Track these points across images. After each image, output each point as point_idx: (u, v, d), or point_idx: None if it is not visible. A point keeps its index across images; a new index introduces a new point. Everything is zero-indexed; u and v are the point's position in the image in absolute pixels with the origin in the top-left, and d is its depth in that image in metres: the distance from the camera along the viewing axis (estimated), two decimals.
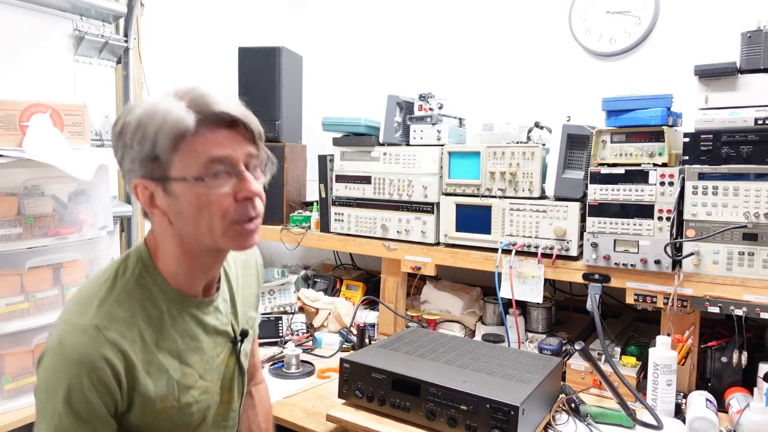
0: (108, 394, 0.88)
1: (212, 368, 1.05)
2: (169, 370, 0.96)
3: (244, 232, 0.93)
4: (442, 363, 1.57)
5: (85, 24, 2.25)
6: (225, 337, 1.08)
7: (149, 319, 0.95)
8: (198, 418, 1.04)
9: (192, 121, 0.88)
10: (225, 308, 1.09)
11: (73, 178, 1.66)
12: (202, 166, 0.89)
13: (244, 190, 0.91)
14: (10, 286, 1.62)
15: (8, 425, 1.54)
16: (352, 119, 2.23)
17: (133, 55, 2.38)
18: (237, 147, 0.91)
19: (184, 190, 0.90)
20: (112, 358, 0.88)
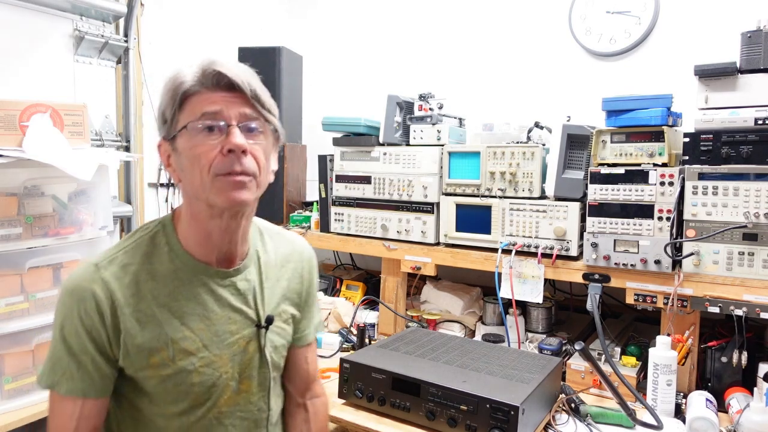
0: (93, 329, 0.95)
1: (222, 344, 1.04)
2: (164, 324, 0.99)
3: (227, 184, 0.95)
4: (442, 363, 1.57)
5: (85, 24, 2.25)
6: (243, 316, 1.07)
7: (152, 272, 1.00)
8: (202, 393, 1.03)
9: (194, 81, 0.96)
10: (247, 289, 1.09)
11: (73, 178, 1.66)
12: (195, 119, 0.95)
13: (227, 143, 0.94)
14: (10, 286, 1.62)
15: (8, 425, 1.54)
16: (352, 119, 2.23)
17: (133, 55, 2.39)
18: (231, 106, 0.96)
19: (182, 145, 0.97)
20: (99, 294, 0.95)
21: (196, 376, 1.02)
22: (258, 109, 0.98)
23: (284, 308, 1.16)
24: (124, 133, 2.39)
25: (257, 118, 0.99)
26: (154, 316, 0.99)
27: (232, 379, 1.06)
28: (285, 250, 1.20)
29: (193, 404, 1.03)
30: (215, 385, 1.04)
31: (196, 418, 1.04)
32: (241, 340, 1.07)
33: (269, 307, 1.12)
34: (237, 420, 1.09)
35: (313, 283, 1.26)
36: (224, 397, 1.06)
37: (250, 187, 0.98)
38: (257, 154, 0.98)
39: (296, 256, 1.22)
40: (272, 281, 1.14)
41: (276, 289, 1.15)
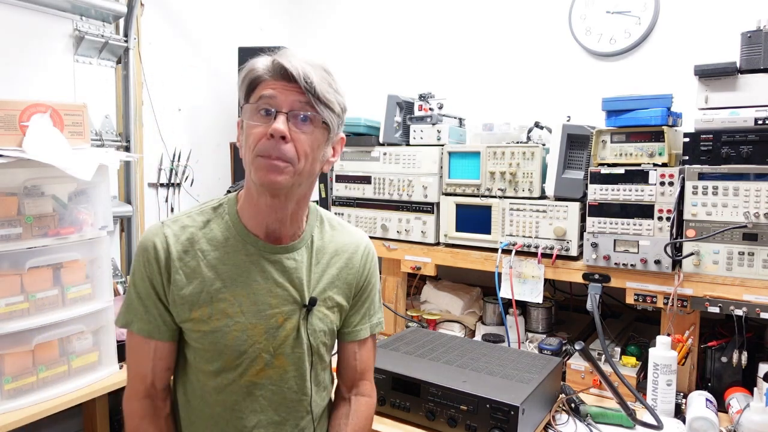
0: (154, 276, 1.08)
1: (260, 314, 1.10)
2: (208, 283, 1.08)
3: (263, 165, 1.02)
4: (442, 363, 1.57)
5: (85, 24, 2.25)
6: (285, 293, 1.12)
7: (207, 236, 1.11)
8: (234, 356, 1.08)
9: (261, 70, 1.06)
10: (293, 268, 1.13)
11: (73, 178, 1.66)
12: (254, 101, 1.05)
13: (270, 128, 1.01)
14: (10, 286, 1.62)
15: (8, 425, 1.54)
16: (352, 119, 2.23)
17: (133, 55, 2.38)
18: (286, 94, 1.03)
19: (244, 125, 1.06)
20: (158, 245, 1.08)
21: (231, 338, 1.08)
22: (311, 101, 1.03)
23: (330, 295, 1.19)
24: (124, 133, 2.39)
25: (308, 108, 1.04)
26: (201, 273, 1.08)
27: (266, 352, 1.11)
28: (342, 240, 1.23)
29: (225, 366, 1.09)
30: (246, 352, 1.09)
31: (228, 381, 1.10)
32: (279, 315, 1.11)
33: (315, 290, 1.16)
34: (268, 393, 1.13)
35: (369, 279, 1.27)
36: (256, 367, 1.10)
37: (285, 171, 1.03)
38: (300, 142, 1.03)
39: (352, 247, 1.24)
40: (322, 266, 1.18)
41: (325, 274, 1.18)
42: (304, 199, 1.14)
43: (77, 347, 1.77)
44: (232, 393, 1.11)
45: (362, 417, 1.25)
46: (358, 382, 1.28)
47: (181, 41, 2.64)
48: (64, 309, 1.72)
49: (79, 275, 1.79)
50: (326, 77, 1.07)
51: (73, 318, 1.73)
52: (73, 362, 1.75)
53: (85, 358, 1.78)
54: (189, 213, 1.14)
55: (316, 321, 1.16)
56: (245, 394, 1.11)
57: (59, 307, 1.72)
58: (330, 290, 1.18)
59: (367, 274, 1.26)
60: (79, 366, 1.77)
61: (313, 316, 1.15)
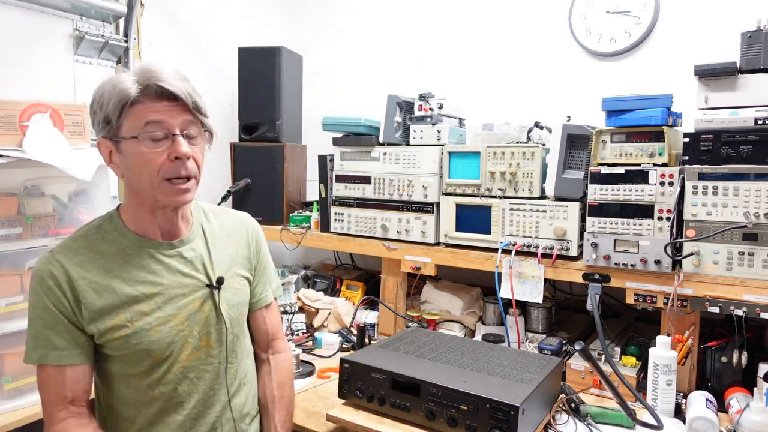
0: (59, 301, 1.11)
1: (175, 305, 1.19)
2: (118, 291, 1.14)
3: (175, 189, 1.12)
4: (442, 363, 1.57)
5: (85, 24, 2.25)
6: (194, 280, 1.22)
7: (101, 252, 1.16)
8: (162, 349, 1.16)
9: (135, 91, 1.07)
10: (194, 257, 1.24)
11: (73, 178, 1.66)
12: (140, 127, 1.08)
13: (174, 151, 1.09)
14: (10, 286, 1.62)
15: (8, 425, 1.54)
16: (352, 119, 2.23)
17: (133, 55, 2.38)
18: (174, 115, 1.09)
19: (129, 149, 1.10)
20: (55, 272, 1.11)
21: (154, 333, 1.15)
22: (197, 117, 1.13)
23: (236, 271, 1.32)
24: None
25: (196, 124, 1.13)
26: (108, 285, 1.14)
27: (191, 336, 1.20)
28: (230, 222, 1.38)
29: (156, 361, 1.16)
30: (173, 341, 1.17)
31: (161, 374, 1.17)
32: (195, 301, 1.21)
33: (220, 270, 1.27)
34: (201, 372, 1.23)
35: (261, 251, 1.42)
36: (185, 352, 1.19)
37: (191, 188, 1.15)
38: (197, 156, 1.15)
39: (242, 226, 1.39)
40: (220, 248, 1.30)
41: (224, 255, 1.31)
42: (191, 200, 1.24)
43: None
44: (168, 383, 1.18)
45: (283, 370, 1.42)
46: (272, 342, 1.44)
47: (181, 41, 2.64)
48: None
49: None
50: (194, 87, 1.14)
51: None
52: None
53: None
54: (73, 237, 1.18)
55: (231, 296, 1.28)
56: (180, 380, 1.19)
57: None
58: (234, 267, 1.32)
59: (258, 246, 1.41)
60: None
61: (226, 292, 1.27)
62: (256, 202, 2.53)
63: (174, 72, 1.11)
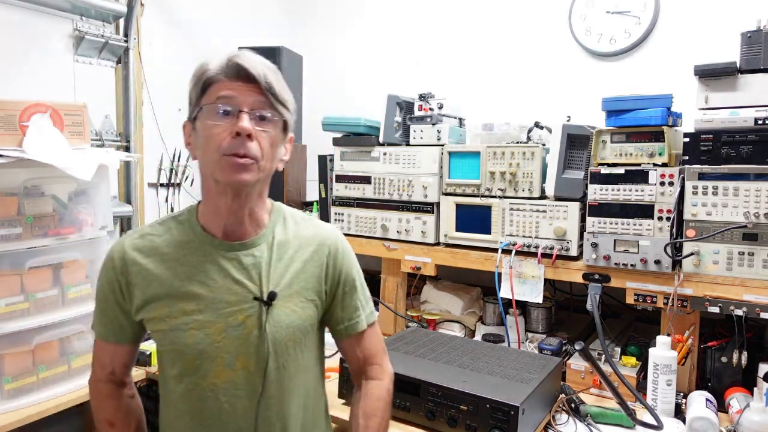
0: (111, 284, 1.13)
1: (218, 311, 1.09)
2: (167, 283, 1.11)
3: (231, 165, 1.04)
4: (442, 363, 1.57)
5: (85, 24, 2.25)
6: (244, 290, 1.10)
7: (167, 241, 1.14)
8: (193, 357, 1.08)
9: (216, 70, 1.07)
10: (252, 264, 1.12)
11: (73, 178, 1.66)
12: (212, 101, 1.05)
13: (236, 127, 1.03)
14: (10, 286, 1.62)
15: (8, 425, 1.54)
16: (352, 119, 2.23)
17: (133, 55, 2.38)
18: (245, 94, 1.05)
19: (200, 124, 1.07)
20: (116, 256, 1.13)
21: (189, 337, 1.08)
22: (270, 100, 1.06)
23: (298, 290, 1.15)
24: (124, 133, 2.39)
25: (268, 107, 1.06)
26: (159, 275, 1.11)
27: (226, 351, 1.08)
28: (307, 234, 1.21)
29: (186, 368, 1.10)
30: (205, 351, 1.08)
31: (192, 385, 1.10)
32: (238, 314, 1.09)
33: (279, 285, 1.12)
34: (233, 398, 1.09)
35: (344, 271, 1.23)
36: (217, 368, 1.09)
37: (252, 169, 1.05)
38: (262, 140, 1.06)
39: (318, 240, 1.20)
40: (286, 261, 1.15)
41: (290, 269, 1.15)
42: (260, 198, 1.16)
43: (77, 347, 1.77)
44: (197, 399, 1.09)
45: (373, 398, 1.22)
46: (365, 368, 1.26)
47: (181, 41, 2.64)
48: (64, 309, 1.72)
49: (79, 275, 1.79)
50: (280, 78, 1.10)
51: (73, 318, 1.73)
52: (73, 362, 1.75)
53: (85, 358, 1.78)
54: (151, 224, 1.19)
55: (282, 317, 1.11)
56: (210, 398, 1.09)
57: (59, 307, 1.72)
58: (296, 284, 1.15)
59: (340, 266, 1.22)
60: (79, 366, 1.77)
61: (277, 312, 1.11)
62: None
63: (262, 60, 1.09)
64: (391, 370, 1.28)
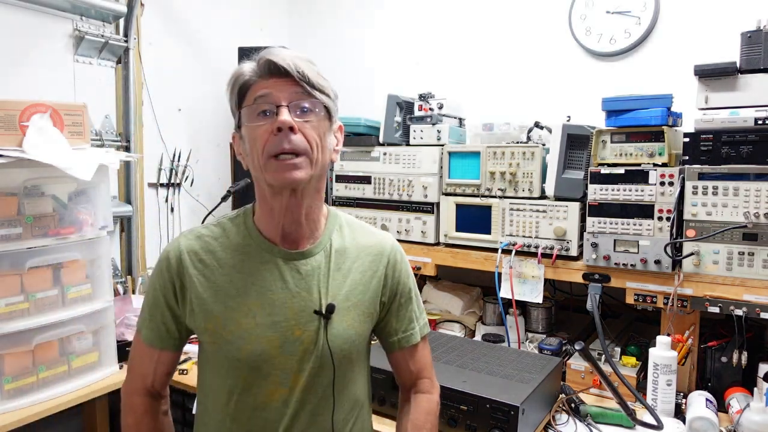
0: (164, 285, 1.07)
1: (276, 325, 1.03)
2: (222, 292, 1.05)
3: (279, 166, 0.99)
4: (442, 363, 1.57)
5: (85, 24, 2.25)
6: (302, 301, 1.05)
7: (224, 244, 1.09)
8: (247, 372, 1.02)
9: (249, 73, 1.03)
10: (310, 273, 1.07)
11: (73, 178, 1.66)
12: (250, 104, 1.02)
13: (276, 122, 0.98)
14: (10, 286, 1.62)
15: (8, 425, 1.54)
16: (352, 119, 2.23)
17: (133, 55, 2.38)
18: (282, 88, 1.00)
19: (244, 131, 1.03)
20: (172, 257, 1.08)
21: (244, 353, 1.02)
22: (307, 89, 1.01)
23: (356, 302, 1.10)
24: (124, 133, 2.39)
25: (306, 97, 1.01)
26: (215, 282, 1.06)
27: (280, 369, 1.03)
28: (364, 242, 1.16)
29: (237, 384, 1.04)
30: (260, 368, 1.02)
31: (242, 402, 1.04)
32: (295, 328, 1.04)
33: (337, 296, 1.08)
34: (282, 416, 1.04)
35: (401, 280, 1.18)
36: (271, 386, 1.03)
37: (302, 165, 1.00)
38: (308, 132, 1.00)
39: (377, 248, 1.16)
40: (344, 271, 1.11)
41: (348, 279, 1.10)
42: (317, 195, 1.09)
43: (77, 347, 1.77)
44: (246, 417, 1.04)
45: (422, 411, 1.19)
46: (416, 381, 1.21)
47: (181, 41, 2.64)
48: (64, 309, 1.72)
49: (79, 275, 1.79)
50: (313, 67, 1.05)
51: (73, 318, 1.73)
52: (73, 362, 1.75)
53: (85, 358, 1.78)
54: (207, 224, 1.14)
55: (340, 330, 1.07)
56: (259, 419, 1.04)
57: (59, 307, 1.72)
58: (354, 297, 1.10)
59: (398, 276, 1.17)
60: (79, 366, 1.77)
61: (335, 326, 1.06)
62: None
63: (293, 52, 1.04)
64: (438, 385, 1.25)
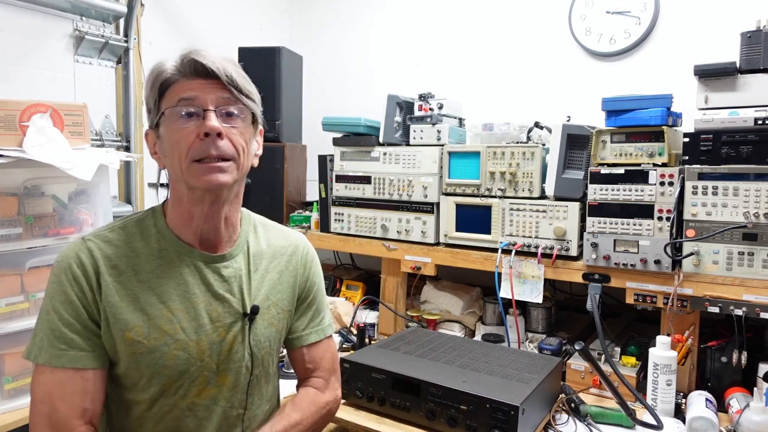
0: (83, 294, 0.97)
1: (201, 329, 1.03)
2: (142, 300, 1.00)
3: (203, 169, 0.97)
4: (442, 363, 1.57)
5: (85, 24, 2.25)
6: (226, 304, 1.06)
7: (136, 250, 1.03)
8: (173, 377, 1.01)
9: (171, 70, 0.99)
10: (232, 276, 1.08)
11: (73, 178, 1.66)
12: (173, 105, 0.98)
13: (203, 127, 0.96)
14: (10, 286, 1.62)
15: (8, 425, 1.54)
16: (352, 119, 2.23)
17: (133, 55, 2.38)
18: (207, 92, 0.98)
19: (164, 131, 1.00)
20: (84, 259, 0.98)
21: (170, 359, 1.00)
22: (234, 94, 1.00)
23: (275, 301, 1.13)
24: (124, 133, 2.39)
25: (234, 102, 1.00)
26: (133, 290, 1.00)
27: (208, 369, 1.04)
28: (279, 243, 1.19)
29: (164, 390, 1.01)
30: (187, 371, 1.02)
31: (169, 407, 1.02)
32: (221, 329, 1.05)
33: (257, 297, 1.10)
34: (209, 413, 1.05)
35: (312, 280, 1.22)
36: (197, 387, 1.03)
37: (228, 170, 0.99)
38: (234, 137, 1.00)
39: (291, 249, 1.20)
40: (262, 271, 1.13)
41: (266, 280, 1.13)
42: (236, 200, 1.11)
43: None
44: (173, 419, 1.03)
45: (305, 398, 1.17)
46: (309, 377, 1.22)
47: (181, 41, 2.64)
48: None
49: None
50: (240, 70, 1.03)
51: None
52: None
53: None
54: (110, 227, 1.06)
55: (261, 330, 1.10)
56: (188, 417, 1.04)
57: None
58: (273, 296, 1.13)
59: (309, 275, 1.21)
60: None
61: (257, 326, 1.09)
62: (256, 202, 2.53)
63: (218, 54, 1.01)
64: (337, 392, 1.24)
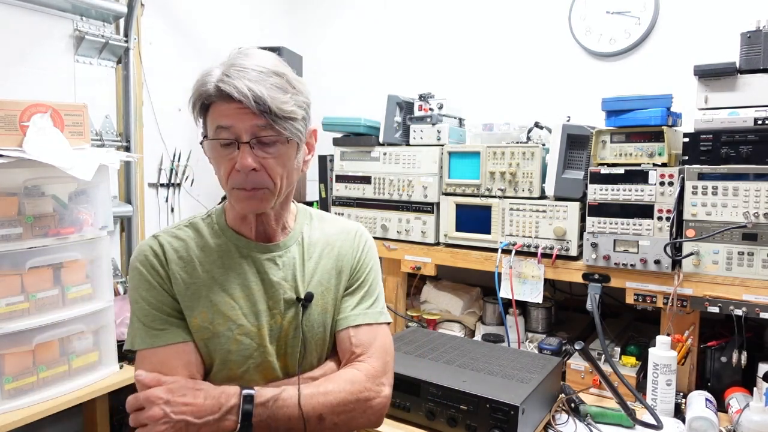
0: (161, 279, 1.06)
1: (260, 315, 1.08)
2: (206, 288, 1.07)
3: (242, 197, 1.03)
4: (442, 363, 1.57)
5: (85, 24, 2.25)
6: (281, 290, 1.10)
7: (200, 245, 1.11)
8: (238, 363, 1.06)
9: (211, 90, 0.99)
10: (287, 264, 1.13)
11: (73, 178, 1.66)
12: (213, 131, 1.01)
13: (237, 164, 0.99)
14: (10, 286, 1.62)
15: (8, 425, 1.54)
16: (352, 119, 2.23)
17: (133, 55, 2.38)
18: (243, 119, 0.98)
19: (207, 151, 1.05)
20: (156, 249, 1.08)
21: (234, 344, 1.05)
22: (270, 122, 0.98)
23: (328, 287, 1.15)
24: (124, 133, 2.39)
25: (269, 131, 0.99)
26: (198, 279, 1.07)
27: (270, 355, 1.08)
28: (333, 230, 1.21)
29: (231, 375, 1.06)
30: (251, 357, 1.07)
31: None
32: (277, 315, 1.10)
33: (310, 284, 1.14)
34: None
35: (363, 262, 1.20)
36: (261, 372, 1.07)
37: (264, 197, 1.03)
38: (271, 168, 1.01)
39: (344, 234, 1.21)
40: (315, 260, 1.16)
41: (319, 266, 1.16)
42: (286, 202, 1.14)
43: (77, 347, 1.77)
44: None
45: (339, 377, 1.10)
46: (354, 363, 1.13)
47: (181, 41, 2.64)
48: (64, 309, 1.72)
49: (80, 275, 1.79)
50: (279, 83, 0.99)
51: (73, 318, 1.73)
52: (74, 362, 1.75)
53: (85, 358, 1.78)
54: (178, 225, 1.14)
55: (315, 316, 1.13)
56: None
57: (59, 307, 1.72)
58: (326, 282, 1.15)
59: (360, 258, 1.20)
60: (80, 366, 1.77)
61: (311, 312, 1.12)
62: None
63: (258, 67, 0.99)
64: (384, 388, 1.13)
